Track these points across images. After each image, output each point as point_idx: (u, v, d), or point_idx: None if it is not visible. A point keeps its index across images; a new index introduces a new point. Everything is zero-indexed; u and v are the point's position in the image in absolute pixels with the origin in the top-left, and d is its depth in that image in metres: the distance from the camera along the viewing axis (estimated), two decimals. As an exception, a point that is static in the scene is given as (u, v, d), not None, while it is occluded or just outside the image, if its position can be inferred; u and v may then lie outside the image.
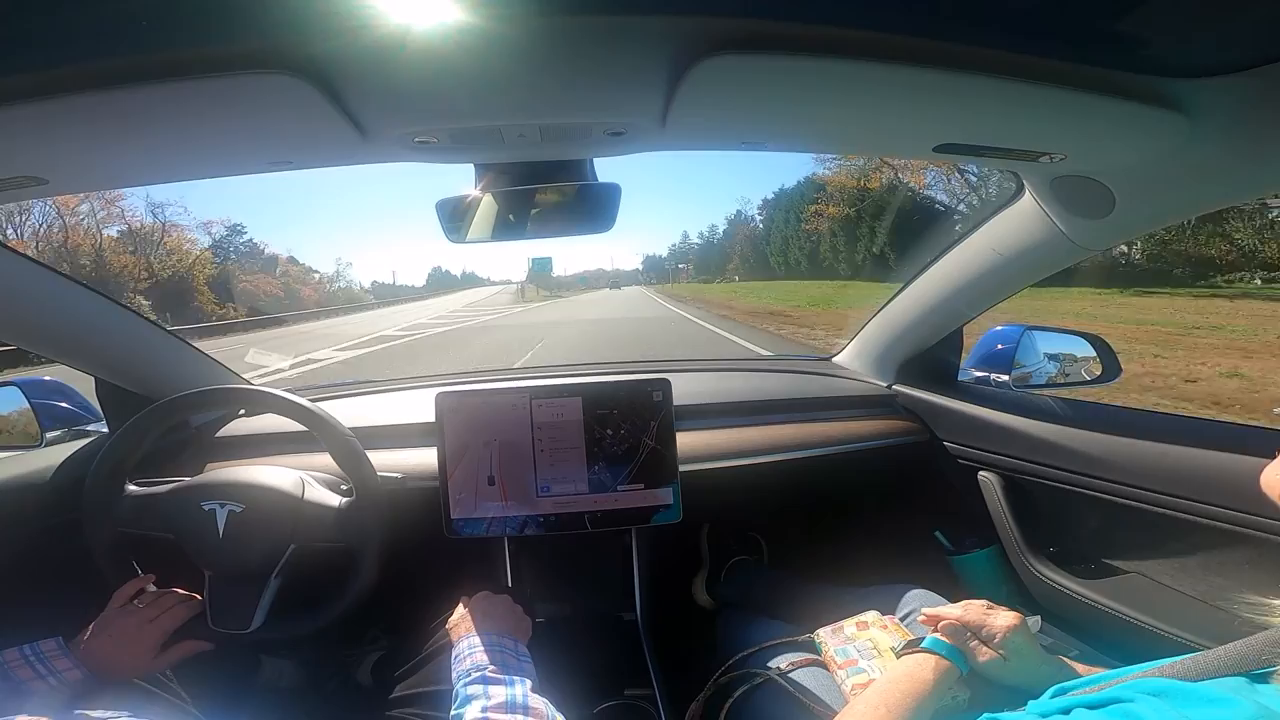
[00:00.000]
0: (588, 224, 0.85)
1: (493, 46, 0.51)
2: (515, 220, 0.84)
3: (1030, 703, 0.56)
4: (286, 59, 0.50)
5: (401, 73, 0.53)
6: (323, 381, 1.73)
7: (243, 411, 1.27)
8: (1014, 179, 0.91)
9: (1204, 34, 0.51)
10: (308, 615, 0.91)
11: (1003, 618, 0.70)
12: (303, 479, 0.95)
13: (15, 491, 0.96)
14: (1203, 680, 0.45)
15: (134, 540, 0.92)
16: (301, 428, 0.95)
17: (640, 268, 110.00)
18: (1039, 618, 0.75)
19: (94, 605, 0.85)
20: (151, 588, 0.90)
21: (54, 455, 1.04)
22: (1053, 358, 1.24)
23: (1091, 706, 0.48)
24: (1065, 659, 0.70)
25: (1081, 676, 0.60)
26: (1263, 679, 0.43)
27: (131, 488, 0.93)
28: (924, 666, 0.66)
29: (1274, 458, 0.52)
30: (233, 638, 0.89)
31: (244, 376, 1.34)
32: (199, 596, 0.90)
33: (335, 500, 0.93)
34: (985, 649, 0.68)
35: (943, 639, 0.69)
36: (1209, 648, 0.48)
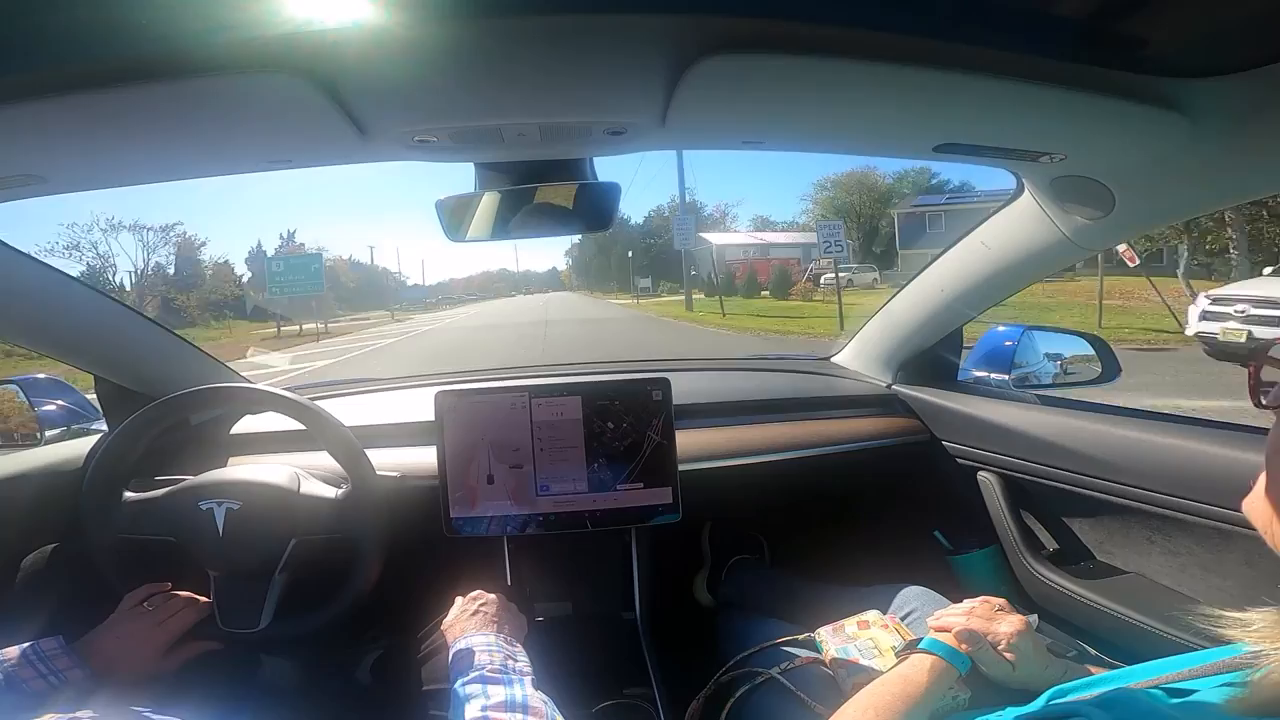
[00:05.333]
0: (587, 223, 0.85)
1: (493, 45, 0.51)
2: (514, 219, 0.84)
3: (1008, 708, 0.56)
4: (286, 59, 0.50)
5: (401, 72, 0.53)
6: (323, 380, 1.73)
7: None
8: (1013, 179, 0.91)
9: (1204, 34, 0.51)
10: (314, 611, 0.91)
11: (1008, 623, 0.70)
12: (297, 473, 0.95)
13: (15, 491, 0.95)
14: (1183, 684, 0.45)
15: (135, 545, 0.92)
16: (300, 426, 0.95)
17: (568, 265, 71.54)
18: (1035, 616, 0.75)
19: (98, 605, 0.85)
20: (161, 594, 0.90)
21: (54, 454, 1.04)
22: (1053, 357, 1.24)
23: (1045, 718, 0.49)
24: (1073, 661, 0.70)
25: (1085, 678, 0.60)
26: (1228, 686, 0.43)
27: (129, 494, 0.93)
28: (918, 668, 0.66)
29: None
30: (239, 637, 0.89)
31: (244, 375, 1.33)
32: (206, 599, 0.90)
33: (332, 492, 0.94)
34: (994, 655, 0.68)
35: (941, 640, 0.69)
36: (1207, 648, 0.48)
